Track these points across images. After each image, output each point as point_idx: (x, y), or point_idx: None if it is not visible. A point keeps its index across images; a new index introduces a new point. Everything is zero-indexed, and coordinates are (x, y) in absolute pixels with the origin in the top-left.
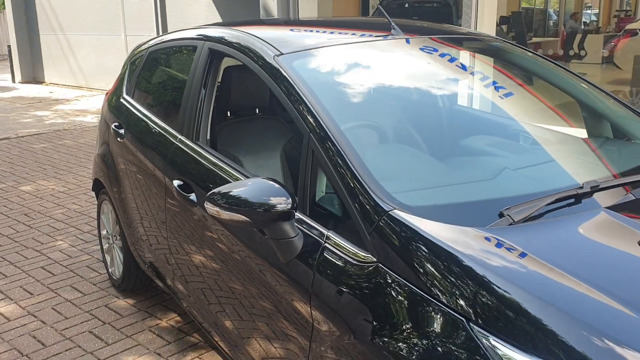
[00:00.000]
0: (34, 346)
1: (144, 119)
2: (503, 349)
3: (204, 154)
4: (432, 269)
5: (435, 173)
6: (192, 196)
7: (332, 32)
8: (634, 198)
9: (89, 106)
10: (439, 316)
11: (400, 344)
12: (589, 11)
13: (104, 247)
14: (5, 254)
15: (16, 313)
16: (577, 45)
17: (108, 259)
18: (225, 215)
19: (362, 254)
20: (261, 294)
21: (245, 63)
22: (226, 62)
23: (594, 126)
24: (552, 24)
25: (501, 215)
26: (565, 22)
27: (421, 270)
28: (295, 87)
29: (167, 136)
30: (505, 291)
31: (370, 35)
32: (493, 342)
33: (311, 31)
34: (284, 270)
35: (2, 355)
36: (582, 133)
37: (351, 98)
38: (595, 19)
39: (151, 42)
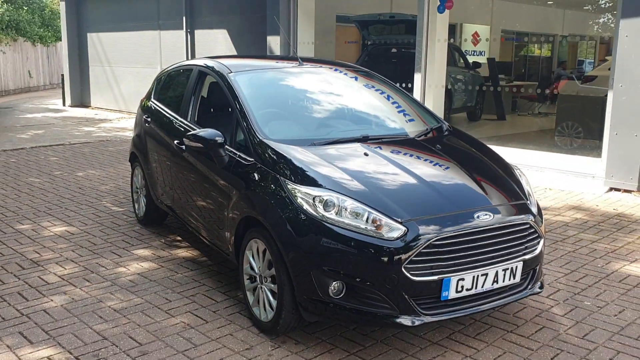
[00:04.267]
0: (88, 244)
1: (162, 111)
2: (292, 185)
3: (192, 125)
4: (274, 160)
5: (296, 130)
6: (183, 147)
7: (267, 62)
8: (384, 141)
9: (127, 125)
10: (273, 178)
11: (258, 189)
12: (591, 59)
13: (134, 198)
14: (67, 206)
15: (76, 231)
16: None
17: (136, 205)
18: (193, 144)
19: (250, 159)
20: (211, 187)
21: (215, 78)
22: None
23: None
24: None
25: (312, 143)
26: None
27: (270, 161)
28: (234, 89)
29: (174, 119)
30: (296, 165)
31: (287, 64)
32: (288, 183)
33: (254, 61)
34: (219, 172)
35: (71, 247)
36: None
37: (264, 95)
38: (592, 67)
39: (169, 68)
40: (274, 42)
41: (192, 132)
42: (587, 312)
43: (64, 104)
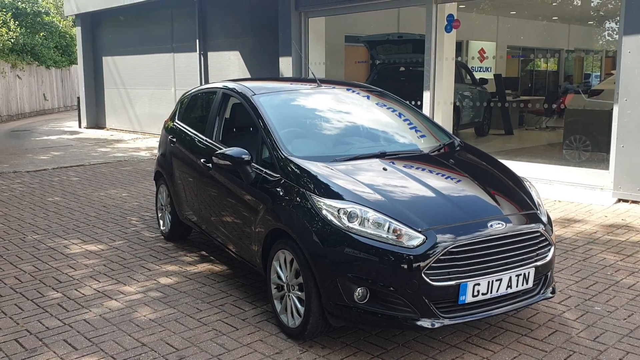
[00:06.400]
0: (118, 259)
1: (187, 132)
2: (317, 198)
3: (217, 144)
4: (298, 176)
5: (318, 147)
6: (210, 165)
7: (287, 84)
8: (401, 156)
9: (142, 145)
10: (298, 192)
11: (284, 203)
12: (597, 73)
13: (159, 215)
14: (95, 224)
15: (106, 248)
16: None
17: (161, 222)
18: (221, 162)
19: (275, 175)
20: (238, 203)
21: (239, 99)
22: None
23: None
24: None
25: (333, 159)
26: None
27: (295, 177)
28: (258, 110)
29: (200, 139)
30: (320, 180)
31: (306, 85)
32: (313, 196)
33: (275, 83)
34: (246, 188)
35: (102, 262)
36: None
37: (286, 114)
38: (598, 80)
39: (192, 90)
40: (286, 63)
41: (220, 150)
42: (598, 317)
43: (79, 126)
